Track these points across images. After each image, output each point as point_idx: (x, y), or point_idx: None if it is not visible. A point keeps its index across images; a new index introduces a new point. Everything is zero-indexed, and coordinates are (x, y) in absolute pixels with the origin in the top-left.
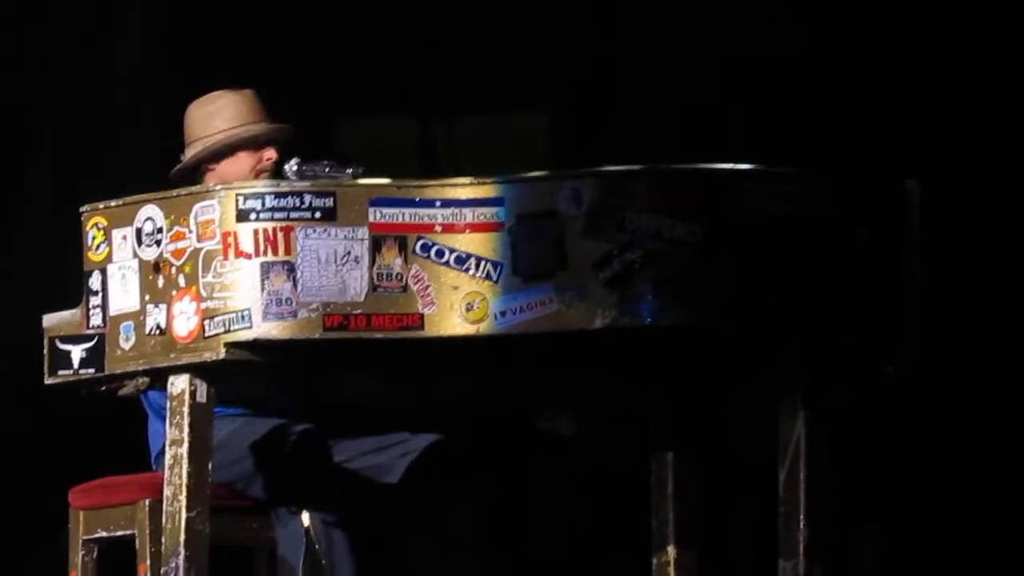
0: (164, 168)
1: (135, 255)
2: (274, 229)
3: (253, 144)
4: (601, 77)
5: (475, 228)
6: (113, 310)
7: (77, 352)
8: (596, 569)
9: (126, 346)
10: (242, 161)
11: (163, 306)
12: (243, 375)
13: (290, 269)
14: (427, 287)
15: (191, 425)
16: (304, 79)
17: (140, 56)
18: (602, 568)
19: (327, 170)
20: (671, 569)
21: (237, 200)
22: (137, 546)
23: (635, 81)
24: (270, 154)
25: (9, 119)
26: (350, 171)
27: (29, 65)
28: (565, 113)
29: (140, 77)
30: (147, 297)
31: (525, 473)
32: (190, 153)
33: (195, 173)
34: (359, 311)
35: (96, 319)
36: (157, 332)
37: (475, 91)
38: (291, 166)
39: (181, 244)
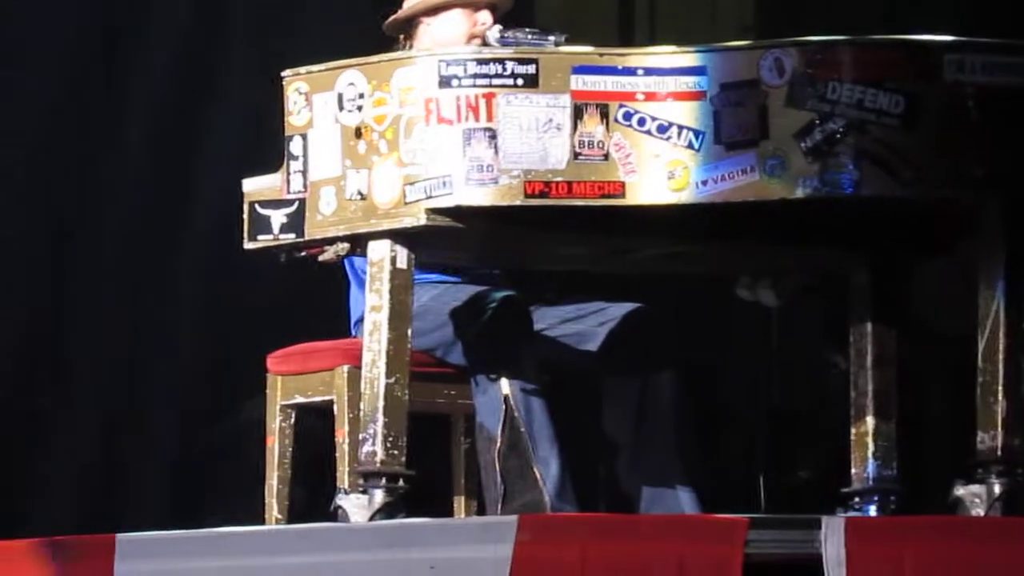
0: (363, 36)
1: (336, 120)
2: (476, 96)
3: (470, 5)
4: None
5: (677, 96)
6: (314, 175)
7: (277, 217)
8: (793, 439)
9: (326, 211)
10: (456, 21)
11: (364, 171)
12: (444, 241)
13: (492, 135)
14: (628, 155)
15: (391, 291)
16: None
17: None
18: (797, 439)
19: (529, 38)
20: (869, 439)
21: (439, 66)
22: (335, 412)
23: None
24: (485, 18)
25: None
26: (552, 39)
27: None
28: None
29: None
30: (348, 162)
31: (724, 343)
32: (409, 5)
33: (409, 26)
34: (560, 178)
35: (297, 184)
36: (358, 197)
37: None
38: (493, 33)
39: (383, 110)
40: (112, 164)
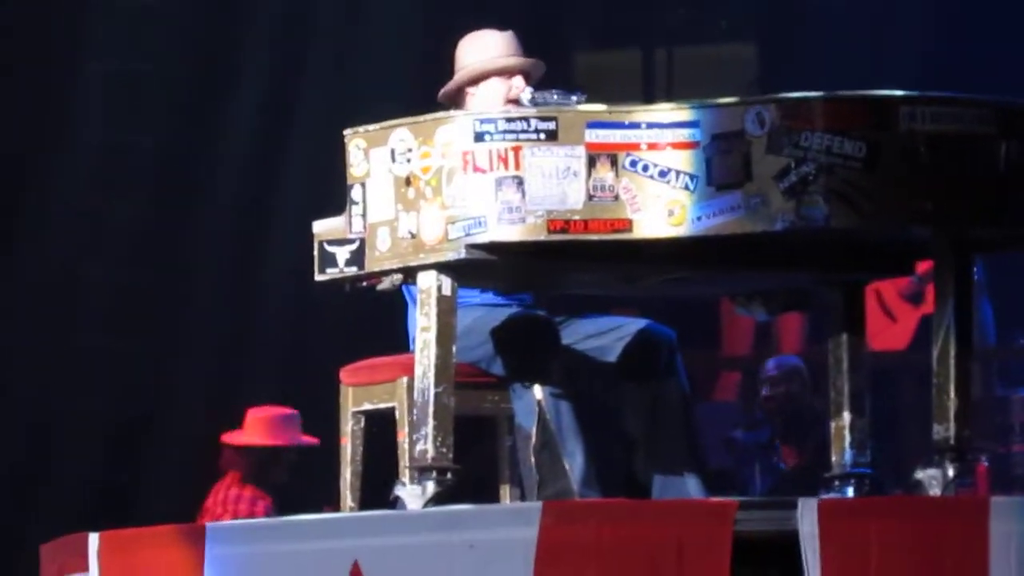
0: (414, 98)
1: (390, 171)
2: (506, 148)
3: (504, 73)
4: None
5: (675, 146)
6: (371, 218)
7: (342, 253)
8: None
9: (383, 248)
10: (494, 87)
11: (413, 214)
12: (481, 271)
13: (519, 182)
14: (634, 196)
15: (438, 315)
16: (546, 21)
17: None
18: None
19: (555, 98)
20: (845, 432)
21: (474, 124)
22: (397, 416)
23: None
24: (519, 83)
25: (286, 57)
26: (574, 98)
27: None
28: (770, 43)
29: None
30: (400, 206)
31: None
32: (455, 78)
33: (458, 95)
34: (577, 217)
35: (357, 225)
36: (408, 236)
37: (691, 24)
38: (525, 95)
39: (428, 162)
40: (207, 215)
